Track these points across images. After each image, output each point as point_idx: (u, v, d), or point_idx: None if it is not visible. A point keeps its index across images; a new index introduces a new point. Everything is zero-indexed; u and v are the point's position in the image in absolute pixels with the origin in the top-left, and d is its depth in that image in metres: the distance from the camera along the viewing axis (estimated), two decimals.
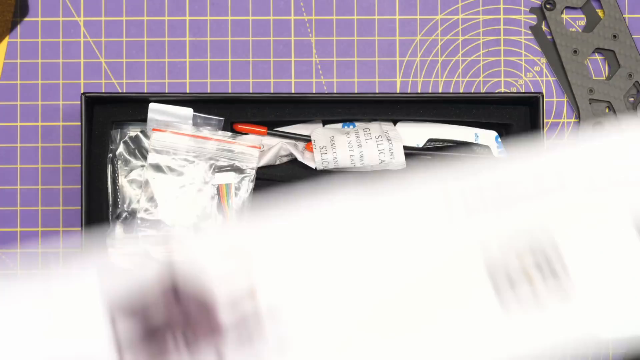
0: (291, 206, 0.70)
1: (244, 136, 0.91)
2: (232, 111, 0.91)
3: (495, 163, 0.71)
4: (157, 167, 0.89)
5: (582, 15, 0.96)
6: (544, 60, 0.96)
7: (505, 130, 0.93)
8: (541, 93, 0.89)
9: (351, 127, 0.92)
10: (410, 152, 0.91)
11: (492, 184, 0.71)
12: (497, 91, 0.96)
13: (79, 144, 0.93)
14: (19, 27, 0.95)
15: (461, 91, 0.96)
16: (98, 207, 0.89)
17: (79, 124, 0.92)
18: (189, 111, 0.90)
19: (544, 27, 0.96)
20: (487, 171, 0.70)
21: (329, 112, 0.91)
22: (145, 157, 0.90)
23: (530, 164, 0.72)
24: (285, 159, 0.92)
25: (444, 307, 0.69)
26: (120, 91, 0.95)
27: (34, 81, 0.95)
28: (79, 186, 0.92)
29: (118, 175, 0.90)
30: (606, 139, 0.71)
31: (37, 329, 0.67)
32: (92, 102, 0.90)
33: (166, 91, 0.95)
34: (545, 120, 0.91)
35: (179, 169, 0.89)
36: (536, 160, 0.72)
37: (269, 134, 0.91)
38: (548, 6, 0.96)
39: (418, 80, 0.96)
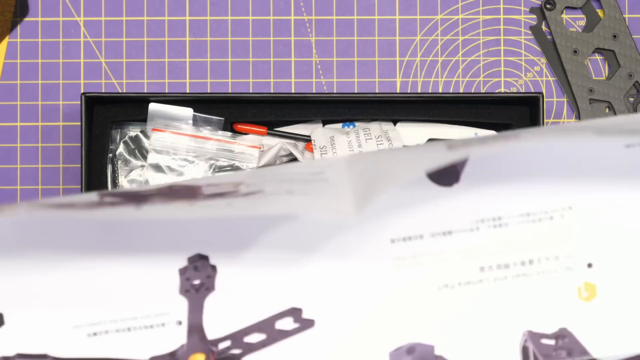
0: None
1: (244, 136, 0.91)
2: (232, 111, 0.91)
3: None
4: (157, 167, 0.89)
5: (582, 15, 0.96)
6: (544, 60, 0.96)
7: (505, 130, 0.93)
8: (541, 93, 0.89)
9: (351, 127, 0.92)
10: None
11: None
12: (497, 91, 0.96)
13: (79, 144, 0.93)
14: (19, 27, 0.95)
15: (461, 91, 0.96)
16: None
17: (79, 124, 0.92)
18: (189, 111, 0.90)
19: (544, 27, 0.96)
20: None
21: (329, 112, 0.91)
22: (145, 157, 0.90)
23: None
24: (285, 159, 0.92)
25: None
26: (120, 91, 0.95)
27: (34, 81, 0.95)
28: (79, 186, 0.92)
29: (118, 175, 0.90)
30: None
31: None
32: (92, 102, 0.90)
33: (166, 91, 0.95)
34: (545, 120, 0.90)
35: (179, 169, 0.89)
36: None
37: (269, 134, 0.91)
38: (548, 6, 0.96)
39: (418, 80, 0.96)
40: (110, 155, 0.90)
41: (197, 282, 0.68)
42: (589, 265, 0.69)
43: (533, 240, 0.69)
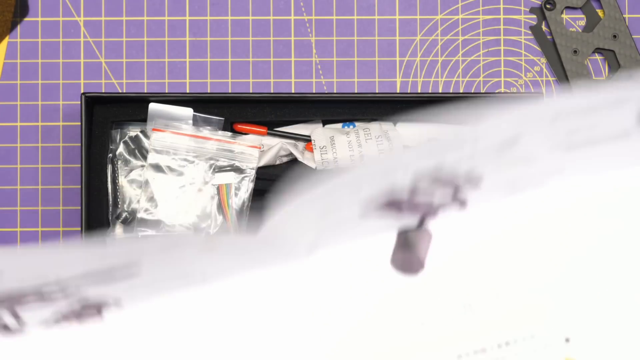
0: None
1: (244, 136, 0.91)
2: (232, 111, 0.91)
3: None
4: (157, 167, 0.89)
5: (582, 15, 0.96)
6: (544, 60, 0.96)
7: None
8: (541, 93, 0.89)
9: (351, 127, 0.92)
10: None
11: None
12: (497, 91, 0.96)
13: (79, 144, 0.93)
14: (19, 27, 0.95)
15: (461, 91, 0.96)
16: (98, 207, 0.89)
17: (79, 124, 0.92)
18: (189, 111, 0.90)
19: (544, 27, 0.96)
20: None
21: (329, 112, 0.91)
22: (145, 157, 0.90)
23: None
24: (285, 159, 0.92)
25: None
26: (120, 91, 0.95)
27: (34, 81, 0.95)
28: (79, 186, 0.92)
29: (118, 175, 0.90)
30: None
31: None
32: (92, 102, 0.90)
33: (166, 91, 0.95)
34: None
35: (179, 169, 0.89)
36: None
37: (269, 134, 0.91)
38: (548, 6, 0.96)
39: (418, 80, 0.96)
40: (110, 155, 0.90)
41: None
42: (567, 340, 0.68)
43: (507, 322, 0.68)
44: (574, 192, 0.68)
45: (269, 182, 0.91)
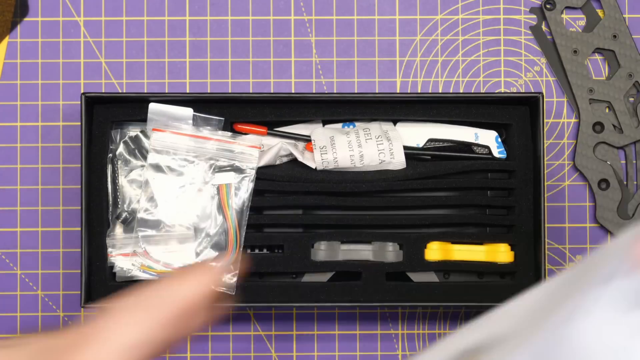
0: None
1: (244, 136, 0.91)
2: (232, 111, 0.91)
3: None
4: (157, 167, 0.89)
5: (582, 15, 0.96)
6: (544, 60, 0.96)
7: (505, 130, 0.92)
8: (541, 93, 0.89)
9: (351, 127, 0.92)
10: (410, 152, 0.91)
11: None
12: (497, 91, 0.96)
13: (79, 144, 0.93)
14: (19, 27, 0.95)
15: (461, 91, 0.96)
16: (98, 207, 0.89)
17: (79, 124, 0.92)
18: (189, 111, 0.90)
19: (544, 27, 0.96)
20: None
21: (329, 112, 0.91)
22: (145, 157, 0.90)
23: None
24: (285, 159, 0.92)
25: None
26: (120, 91, 0.95)
27: (34, 81, 0.95)
28: (79, 186, 0.92)
29: (118, 175, 0.90)
30: None
31: None
32: (92, 102, 0.90)
33: (166, 91, 0.95)
34: (545, 120, 0.90)
35: (179, 169, 0.89)
36: None
37: (269, 134, 0.91)
38: (548, 6, 0.96)
39: (418, 80, 0.96)
40: (110, 155, 0.90)
41: None
42: None
43: None
44: None
45: (269, 182, 0.91)
